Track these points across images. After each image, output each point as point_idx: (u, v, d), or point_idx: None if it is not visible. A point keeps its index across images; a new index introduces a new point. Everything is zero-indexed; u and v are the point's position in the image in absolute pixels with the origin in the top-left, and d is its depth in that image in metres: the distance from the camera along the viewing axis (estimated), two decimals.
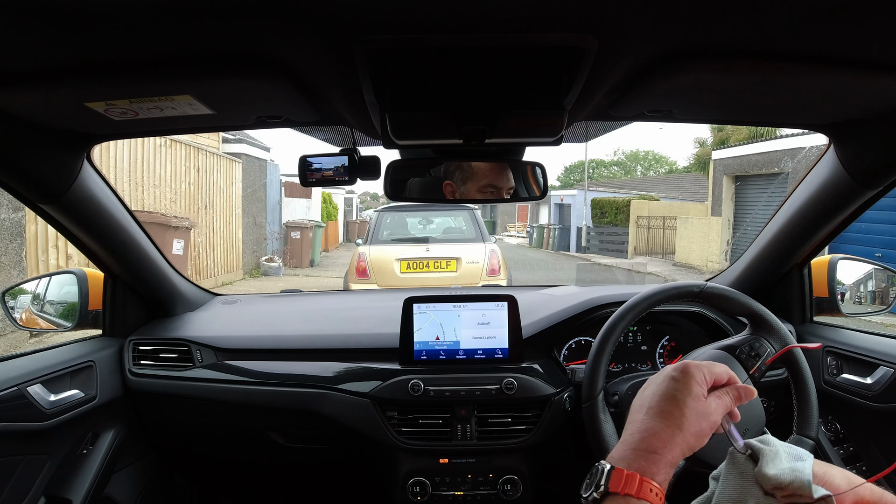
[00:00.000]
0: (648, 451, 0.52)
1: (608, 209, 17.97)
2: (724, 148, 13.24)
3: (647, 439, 0.52)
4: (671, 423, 0.53)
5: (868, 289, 1.33)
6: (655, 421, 0.53)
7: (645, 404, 0.56)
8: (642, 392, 0.58)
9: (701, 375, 0.56)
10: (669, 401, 0.54)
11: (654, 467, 0.51)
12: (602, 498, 0.50)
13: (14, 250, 4.58)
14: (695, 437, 0.54)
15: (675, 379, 0.55)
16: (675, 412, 0.53)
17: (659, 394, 0.55)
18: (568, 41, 0.58)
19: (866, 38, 0.60)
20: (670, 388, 0.55)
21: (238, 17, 0.54)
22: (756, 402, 0.95)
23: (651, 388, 0.57)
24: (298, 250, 10.91)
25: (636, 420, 0.55)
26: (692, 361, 0.58)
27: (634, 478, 0.49)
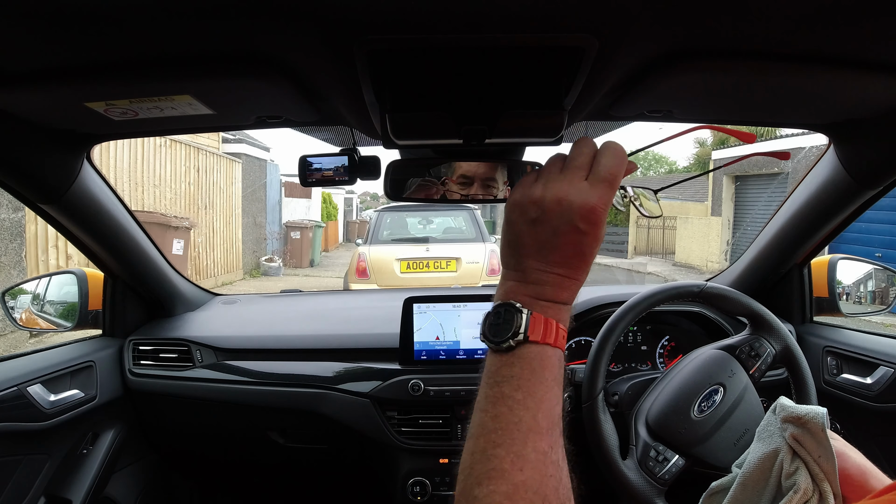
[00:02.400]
0: (557, 301, 0.47)
1: None
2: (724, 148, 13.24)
3: (555, 291, 0.47)
4: (578, 274, 0.48)
5: (868, 289, 1.33)
6: (563, 273, 0.47)
7: (547, 249, 0.47)
8: (532, 226, 0.47)
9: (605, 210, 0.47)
10: (577, 257, 0.47)
11: (564, 315, 0.47)
12: (517, 346, 0.45)
13: (14, 250, 4.58)
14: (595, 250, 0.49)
15: (583, 233, 0.46)
16: (582, 265, 0.48)
17: (566, 246, 0.46)
18: (568, 41, 0.58)
19: (866, 38, 0.60)
20: (579, 243, 0.46)
21: (238, 17, 0.54)
22: (756, 402, 0.95)
23: (548, 229, 0.46)
24: (298, 250, 10.91)
25: (533, 266, 0.47)
26: (603, 201, 0.47)
27: (551, 325, 0.45)
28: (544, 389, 0.44)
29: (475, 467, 0.42)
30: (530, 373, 0.44)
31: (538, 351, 0.45)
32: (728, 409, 0.92)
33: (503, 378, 0.44)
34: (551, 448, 0.42)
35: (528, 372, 0.44)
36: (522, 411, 0.42)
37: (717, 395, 0.93)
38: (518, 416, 0.42)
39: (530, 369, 0.44)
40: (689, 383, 0.96)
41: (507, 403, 0.43)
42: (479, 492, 0.40)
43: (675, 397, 0.95)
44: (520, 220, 0.48)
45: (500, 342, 0.45)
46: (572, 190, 0.46)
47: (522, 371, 0.44)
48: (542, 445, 0.42)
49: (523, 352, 0.45)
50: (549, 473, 0.41)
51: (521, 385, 0.43)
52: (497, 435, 0.42)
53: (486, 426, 0.43)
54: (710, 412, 0.92)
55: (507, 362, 0.45)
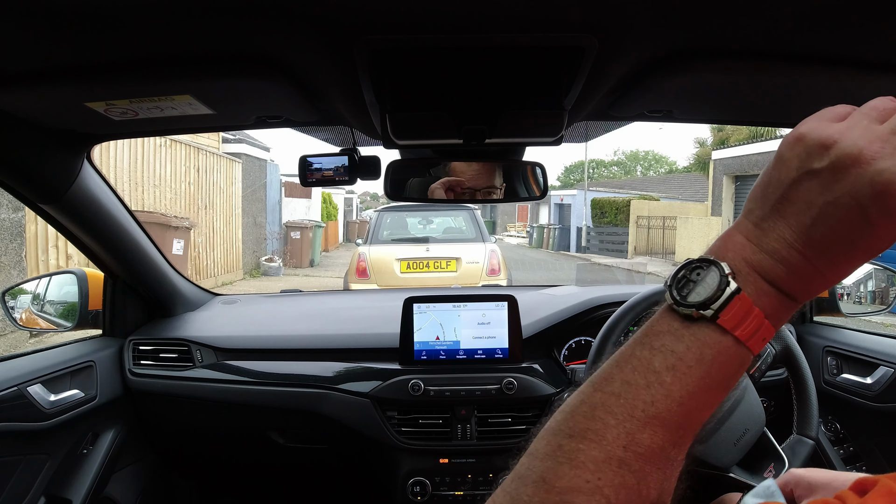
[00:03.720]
0: (784, 290, 0.34)
1: (608, 209, 17.97)
2: (724, 148, 13.24)
3: (790, 277, 0.34)
4: (834, 270, 0.34)
5: (868, 289, 1.33)
6: (815, 258, 0.33)
7: (810, 216, 0.32)
8: (806, 178, 0.33)
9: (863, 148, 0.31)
10: (846, 248, 0.32)
11: (783, 312, 0.35)
12: (698, 319, 0.34)
13: (14, 250, 4.58)
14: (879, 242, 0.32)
15: (870, 222, 0.31)
16: (846, 262, 0.33)
17: (838, 226, 0.32)
18: (568, 41, 0.58)
19: (866, 38, 0.60)
20: (858, 231, 0.31)
21: (238, 17, 0.54)
22: (756, 402, 0.95)
23: (824, 191, 0.32)
24: (298, 250, 10.91)
25: (779, 230, 0.34)
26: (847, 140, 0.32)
27: (756, 318, 0.34)
28: (703, 387, 0.34)
29: (575, 420, 0.34)
30: (697, 359, 0.33)
31: (720, 340, 0.34)
32: (728, 409, 0.92)
33: (660, 347, 0.35)
34: (675, 450, 0.34)
35: (694, 356, 0.34)
36: (662, 395, 0.33)
37: None
38: (653, 396, 0.33)
39: (699, 355, 0.34)
40: None
41: (648, 378, 0.34)
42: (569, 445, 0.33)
43: None
44: (793, 162, 0.33)
45: (680, 304, 0.35)
46: (884, 154, 0.30)
47: (689, 351, 0.34)
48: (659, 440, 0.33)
49: (702, 330, 0.34)
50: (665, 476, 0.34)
51: (677, 367, 0.33)
52: (616, 401, 0.33)
53: (611, 384, 0.35)
54: None
55: (676, 331, 0.34)
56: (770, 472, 0.91)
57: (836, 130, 0.33)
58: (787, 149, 0.34)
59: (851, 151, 0.31)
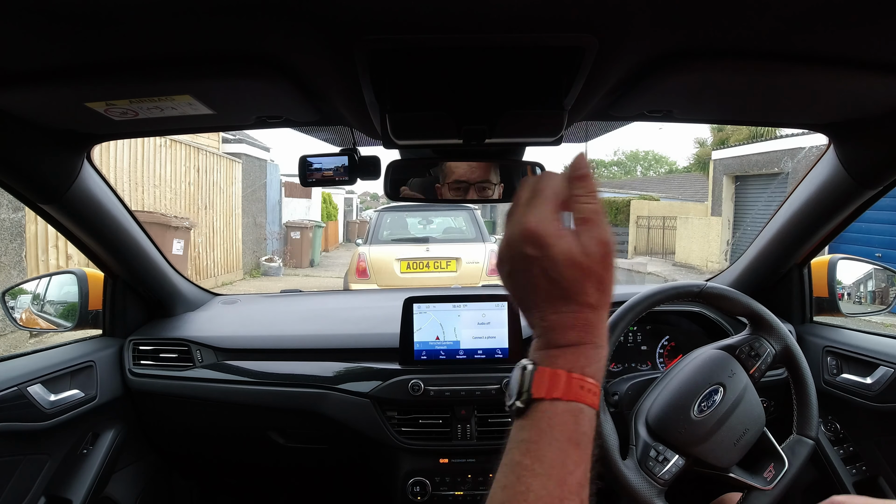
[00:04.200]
0: (562, 344, 0.42)
1: (608, 209, 17.97)
2: (724, 148, 13.24)
3: (557, 334, 0.42)
4: (569, 306, 0.41)
5: (868, 289, 1.33)
6: (554, 310, 0.42)
7: (526, 290, 0.43)
8: (514, 277, 0.43)
9: (552, 224, 0.41)
10: (550, 286, 0.41)
11: (582, 359, 0.41)
12: (527, 406, 0.41)
13: (14, 250, 4.58)
14: (603, 275, 0.42)
15: (531, 258, 0.41)
16: (562, 296, 0.41)
17: (535, 280, 0.42)
18: (568, 41, 0.58)
19: (866, 38, 0.60)
20: (540, 270, 0.41)
21: (238, 17, 0.54)
22: (756, 402, 0.95)
23: (515, 269, 0.43)
24: (298, 250, 10.91)
25: (534, 315, 0.43)
26: (530, 218, 0.42)
27: (558, 377, 0.40)
28: (555, 452, 0.38)
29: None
30: (538, 434, 0.39)
31: (547, 408, 0.40)
32: (728, 408, 0.92)
33: (514, 443, 0.40)
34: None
35: (536, 433, 0.39)
36: (531, 479, 0.38)
37: (717, 395, 0.93)
38: (526, 484, 0.38)
39: (538, 430, 0.39)
40: (689, 383, 0.96)
41: (516, 471, 0.39)
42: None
43: (675, 397, 0.95)
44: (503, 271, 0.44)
45: (509, 405, 0.42)
46: (512, 220, 0.43)
47: (531, 433, 0.40)
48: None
49: (533, 412, 0.40)
50: None
51: (530, 449, 0.39)
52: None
53: (495, 498, 0.39)
54: (710, 412, 0.92)
55: (519, 425, 0.41)
56: (770, 471, 0.91)
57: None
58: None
59: (507, 233, 0.43)
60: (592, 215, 0.42)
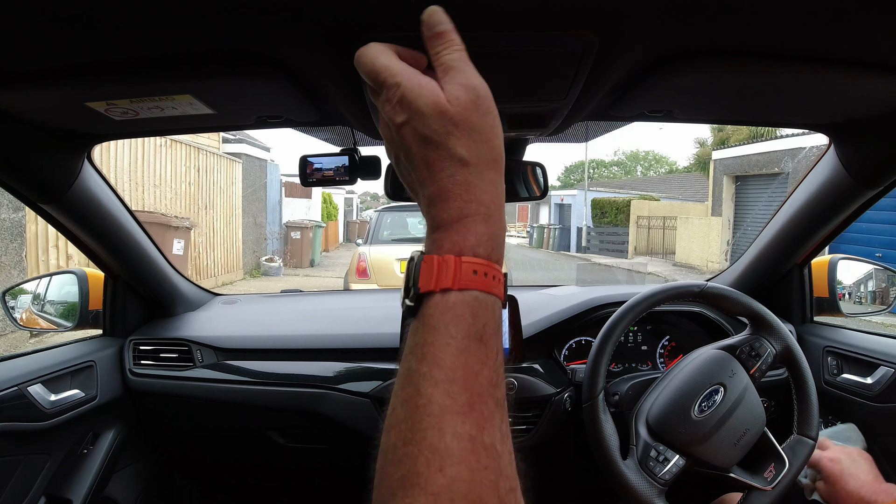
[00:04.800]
0: (447, 222, 0.36)
1: (608, 209, 17.98)
2: (724, 148, 13.24)
3: (436, 206, 0.37)
4: (453, 158, 0.36)
5: (868, 289, 1.33)
6: (436, 174, 0.36)
7: (404, 172, 0.40)
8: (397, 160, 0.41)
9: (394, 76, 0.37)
10: (427, 143, 0.36)
11: (469, 238, 0.35)
12: (417, 303, 0.35)
13: (14, 250, 4.58)
14: (476, 123, 0.36)
15: (401, 124, 0.37)
16: (433, 153, 0.36)
17: (403, 151, 0.38)
18: (568, 40, 0.58)
19: (866, 38, 0.60)
20: (408, 135, 0.37)
21: (239, 17, 0.54)
22: (756, 402, 0.95)
23: (393, 152, 0.41)
24: (298, 250, 10.92)
25: (421, 194, 0.39)
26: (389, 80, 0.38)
27: (446, 263, 0.34)
28: (454, 351, 0.33)
29: (387, 471, 0.32)
30: (432, 334, 0.34)
31: (438, 302, 0.34)
32: (728, 409, 0.92)
33: (409, 348, 0.35)
34: (480, 429, 0.32)
35: (430, 334, 0.34)
36: (431, 388, 0.32)
37: (717, 395, 0.93)
38: (427, 395, 0.32)
39: (431, 329, 0.34)
40: (689, 383, 0.96)
41: (414, 381, 0.33)
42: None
43: (675, 397, 0.95)
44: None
45: (401, 305, 0.36)
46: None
47: (425, 335, 0.34)
48: (464, 429, 0.32)
49: (425, 309, 0.35)
50: (481, 465, 0.32)
51: (426, 353, 0.33)
52: (406, 426, 0.32)
53: (396, 415, 0.33)
54: (711, 412, 0.92)
55: (412, 328, 0.35)
56: (770, 471, 0.91)
57: None
58: None
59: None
60: (454, 63, 0.37)
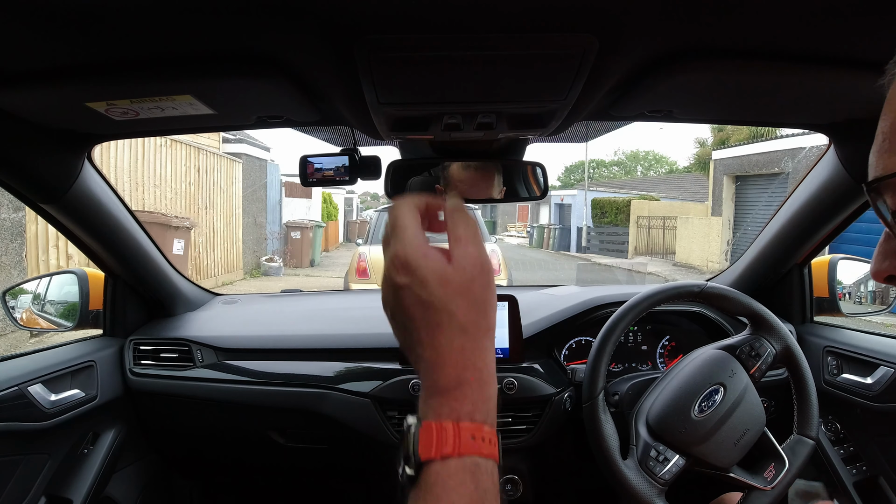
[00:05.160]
0: (445, 388, 0.36)
1: (608, 209, 17.97)
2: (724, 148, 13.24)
3: (433, 371, 0.37)
4: (453, 325, 0.37)
5: (868, 289, 1.33)
6: (435, 340, 0.37)
7: (406, 333, 0.40)
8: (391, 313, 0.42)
9: (417, 257, 0.39)
10: (414, 322, 0.38)
11: (466, 404, 0.36)
12: (418, 472, 0.34)
13: (14, 250, 4.58)
14: (480, 295, 0.38)
15: (402, 286, 0.39)
16: (425, 334, 0.38)
17: (401, 311, 0.40)
18: (568, 41, 0.58)
19: (866, 38, 0.60)
20: (407, 298, 0.39)
21: (239, 17, 0.54)
22: (756, 402, 0.95)
23: (389, 308, 0.42)
24: (299, 250, 10.92)
25: (417, 356, 0.39)
26: (397, 250, 0.41)
27: (444, 430, 0.34)
28: None
29: None
30: (435, 502, 0.33)
31: (439, 470, 0.34)
32: (728, 408, 0.92)
33: None
34: None
35: (433, 503, 0.33)
36: None
37: (717, 395, 0.93)
38: None
39: (434, 498, 0.33)
40: (689, 383, 0.96)
41: None
42: None
43: (675, 397, 0.95)
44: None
45: (400, 475, 0.35)
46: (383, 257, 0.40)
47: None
48: None
49: (426, 478, 0.34)
50: None
51: None
52: None
53: None
54: (711, 412, 0.92)
55: (413, 497, 0.34)
56: (770, 471, 0.91)
57: None
58: None
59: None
60: (465, 237, 0.39)
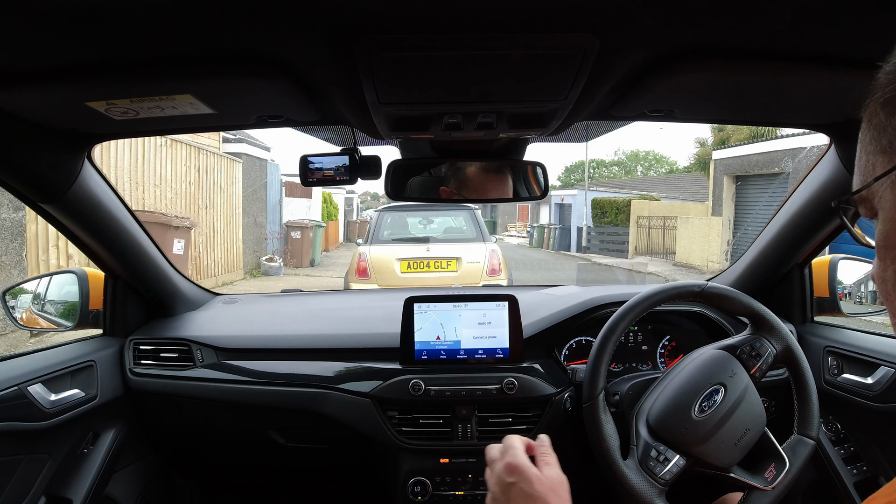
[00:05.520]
0: None
1: (609, 209, 17.97)
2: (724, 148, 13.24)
3: None
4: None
5: (869, 289, 1.33)
6: None
7: None
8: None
9: (525, 466, 0.68)
10: (528, 498, 0.65)
11: None
12: None
13: (15, 250, 4.58)
14: (559, 491, 0.67)
15: (511, 484, 0.67)
16: (543, 499, 0.65)
17: (512, 496, 0.67)
18: (568, 41, 0.58)
19: (866, 37, 0.60)
20: (515, 492, 0.67)
21: (239, 17, 0.54)
22: (757, 402, 0.95)
23: (497, 500, 0.70)
24: (299, 250, 10.92)
25: None
26: (507, 462, 0.69)
27: None
28: None
29: None
30: None
31: None
32: (729, 408, 0.92)
33: None
34: None
35: None
36: None
37: (717, 395, 0.93)
38: None
39: None
40: (689, 383, 0.96)
41: None
42: None
43: (675, 397, 0.95)
44: None
45: None
46: (494, 467, 0.74)
47: None
48: None
49: None
50: None
51: None
52: None
53: None
54: (711, 412, 0.92)
55: None
56: (771, 471, 0.91)
57: None
58: None
59: None
60: (551, 461, 0.71)
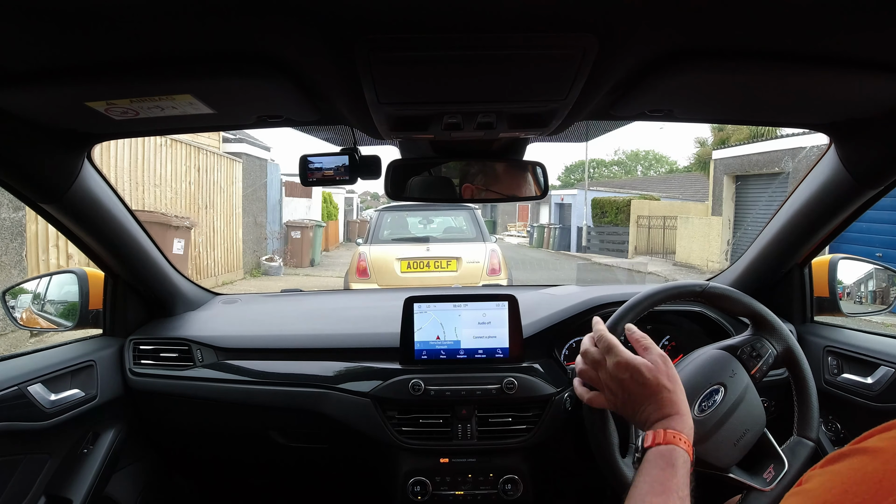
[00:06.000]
0: (661, 417, 0.74)
1: (609, 209, 17.97)
2: (724, 148, 13.24)
3: (655, 413, 0.75)
4: (660, 389, 0.75)
5: (869, 289, 1.33)
6: (651, 401, 0.76)
7: (631, 400, 0.78)
8: (629, 394, 0.78)
9: (618, 352, 0.80)
10: (643, 386, 0.76)
11: (672, 424, 0.72)
12: (643, 454, 0.71)
13: (14, 250, 4.58)
14: (669, 372, 0.77)
15: (624, 379, 0.78)
16: (640, 396, 0.76)
17: (623, 392, 0.78)
18: (568, 41, 0.58)
19: (866, 37, 0.60)
20: (630, 384, 0.77)
21: (239, 16, 0.54)
22: (757, 403, 0.95)
23: (614, 393, 0.81)
24: (299, 250, 10.92)
25: (640, 411, 0.77)
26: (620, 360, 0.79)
27: (658, 433, 0.71)
28: (658, 470, 0.68)
29: None
30: (649, 464, 0.69)
31: (654, 451, 0.70)
32: (729, 409, 0.92)
33: (640, 475, 0.69)
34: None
35: (648, 464, 0.70)
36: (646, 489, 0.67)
37: (717, 395, 0.93)
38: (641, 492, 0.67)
39: (649, 463, 0.69)
40: (689, 383, 0.96)
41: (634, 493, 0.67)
42: None
43: None
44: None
45: (633, 462, 0.82)
46: (605, 367, 0.82)
47: (646, 465, 0.70)
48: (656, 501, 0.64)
49: (647, 456, 0.71)
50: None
51: (647, 472, 0.69)
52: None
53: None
54: (711, 412, 0.92)
55: (640, 468, 0.71)
56: (770, 472, 0.91)
57: None
58: None
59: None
60: (648, 345, 0.80)
